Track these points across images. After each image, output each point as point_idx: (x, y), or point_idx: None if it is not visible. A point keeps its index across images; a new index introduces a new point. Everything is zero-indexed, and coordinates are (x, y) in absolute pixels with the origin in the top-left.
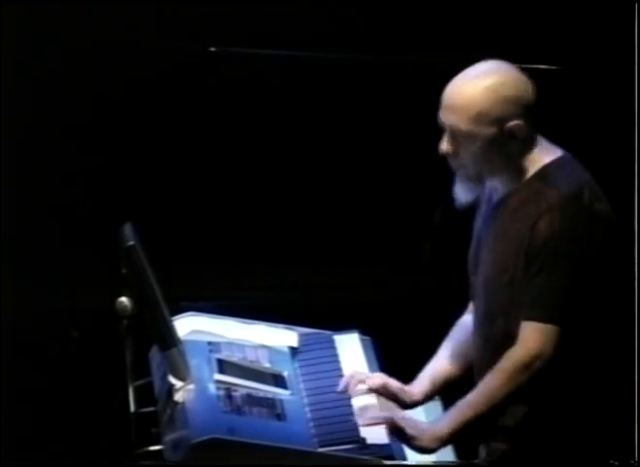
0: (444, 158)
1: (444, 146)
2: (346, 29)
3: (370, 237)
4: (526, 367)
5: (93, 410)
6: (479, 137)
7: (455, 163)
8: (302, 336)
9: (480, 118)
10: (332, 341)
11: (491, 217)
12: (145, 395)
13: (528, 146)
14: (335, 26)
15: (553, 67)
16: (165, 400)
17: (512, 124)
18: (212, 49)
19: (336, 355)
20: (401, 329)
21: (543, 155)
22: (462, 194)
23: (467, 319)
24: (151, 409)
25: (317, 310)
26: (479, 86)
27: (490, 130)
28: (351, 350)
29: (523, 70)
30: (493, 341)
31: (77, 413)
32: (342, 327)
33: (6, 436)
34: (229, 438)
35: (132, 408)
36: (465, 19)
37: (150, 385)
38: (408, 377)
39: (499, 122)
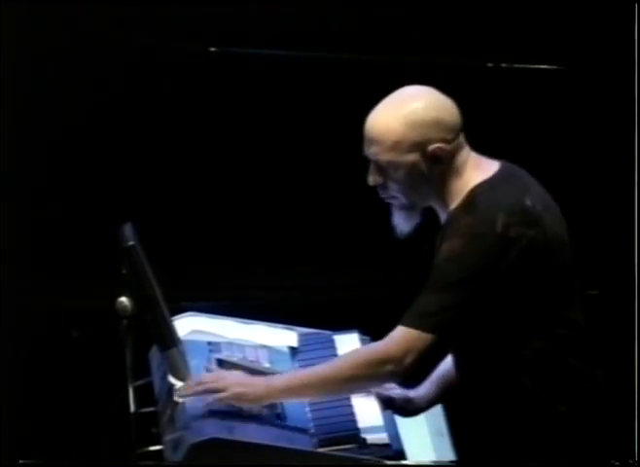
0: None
1: (371, 178)
2: (346, 29)
3: (370, 237)
4: (376, 363)
5: (93, 410)
6: (401, 165)
7: (385, 194)
8: (301, 336)
9: (398, 146)
10: (331, 341)
11: (437, 242)
12: (145, 395)
13: (457, 168)
14: (335, 26)
15: (553, 67)
16: (165, 400)
17: (433, 147)
18: (212, 49)
19: (335, 355)
20: None
21: (473, 176)
22: (401, 224)
23: None
24: (151, 409)
25: (317, 310)
26: (393, 114)
27: (411, 157)
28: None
29: (523, 70)
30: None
31: (77, 412)
32: (342, 327)
33: (6, 436)
34: (229, 438)
35: (132, 408)
36: (465, 20)
37: (150, 385)
38: (411, 377)
39: (418, 147)
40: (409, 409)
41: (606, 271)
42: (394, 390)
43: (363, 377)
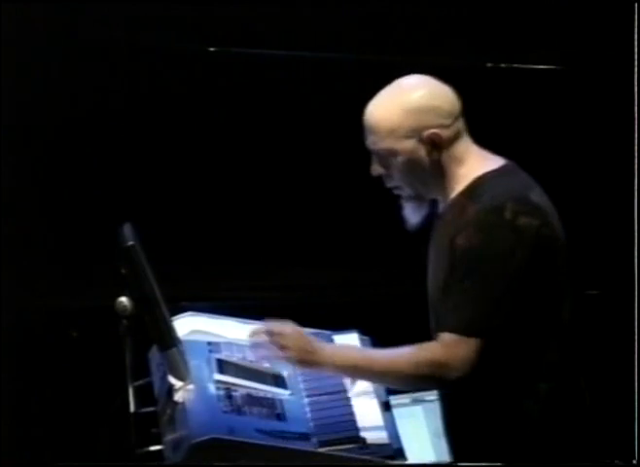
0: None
1: (374, 168)
2: (346, 29)
3: (370, 237)
4: (437, 366)
5: (93, 410)
6: (399, 152)
7: (390, 184)
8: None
9: (394, 132)
10: (331, 342)
11: (432, 233)
12: (145, 395)
13: (458, 156)
14: (335, 26)
15: (553, 67)
16: (165, 400)
17: (429, 132)
18: (212, 49)
19: None
20: (401, 329)
21: (478, 166)
22: (410, 215)
23: None
24: (151, 409)
25: (317, 310)
26: (389, 102)
27: (408, 143)
28: None
29: (523, 70)
30: None
31: (77, 412)
32: (342, 327)
33: (6, 436)
34: (229, 438)
35: (132, 408)
36: (465, 20)
37: (150, 385)
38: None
39: (415, 132)
40: None
41: (606, 271)
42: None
43: (426, 378)
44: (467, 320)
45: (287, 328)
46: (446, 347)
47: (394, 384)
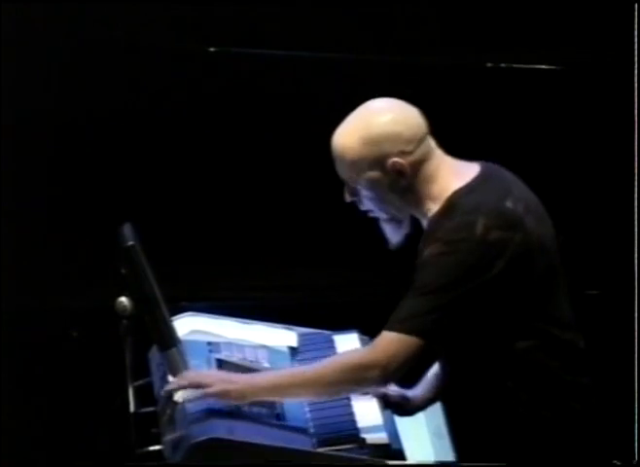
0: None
1: (346, 196)
2: (346, 29)
3: (370, 238)
4: (361, 369)
5: (93, 410)
6: (364, 182)
7: (363, 209)
8: (301, 336)
9: (357, 164)
10: (331, 342)
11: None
12: (145, 395)
13: (429, 176)
14: (335, 26)
15: (553, 67)
16: (165, 400)
17: (391, 161)
18: (212, 49)
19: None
20: None
21: (451, 182)
22: (390, 235)
23: None
24: (151, 409)
25: (317, 310)
26: (349, 133)
27: (372, 173)
28: None
29: (523, 70)
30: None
31: (77, 412)
32: (342, 327)
33: (6, 436)
34: (228, 438)
35: (132, 408)
36: (465, 20)
37: (150, 385)
38: (407, 376)
39: (377, 163)
40: (407, 408)
41: (606, 271)
42: (392, 389)
43: (347, 381)
44: (401, 318)
45: (204, 371)
46: (374, 347)
47: (322, 395)
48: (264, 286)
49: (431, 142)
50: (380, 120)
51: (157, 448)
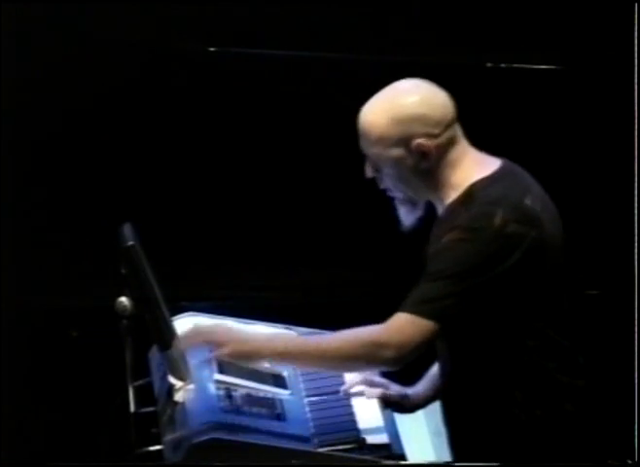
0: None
1: (367, 171)
2: (346, 29)
3: (369, 237)
4: (376, 346)
5: (93, 410)
6: (388, 159)
7: (382, 186)
8: (301, 336)
9: (382, 140)
10: None
11: (430, 235)
12: (145, 395)
13: (451, 163)
14: (335, 26)
15: (553, 67)
16: (165, 400)
17: (416, 142)
18: (212, 49)
19: None
20: None
21: (473, 172)
22: (404, 217)
23: None
24: (151, 409)
25: (317, 310)
26: (379, 109)
27: (396, 151)
28: None
29: (523, 70)
30: (444, 359)
31: (77, 412)
32: (342, 327)
33: (6, 436)
34: (229, 438)
35: (132, 408)
36: (465, 20)
37: (150, 385)
38: (407, 376)
39: (402, 142)
40: (407, 406)
41: (606, 271)
42: (392, 387)
43: (361, 357)
44: (417, 300)
45: (215, 326)
46: (389, 326)
47: (331, 366)
48: (264, 286)
49: (458, 129)
50: (410, 100)
51: (157, 448)
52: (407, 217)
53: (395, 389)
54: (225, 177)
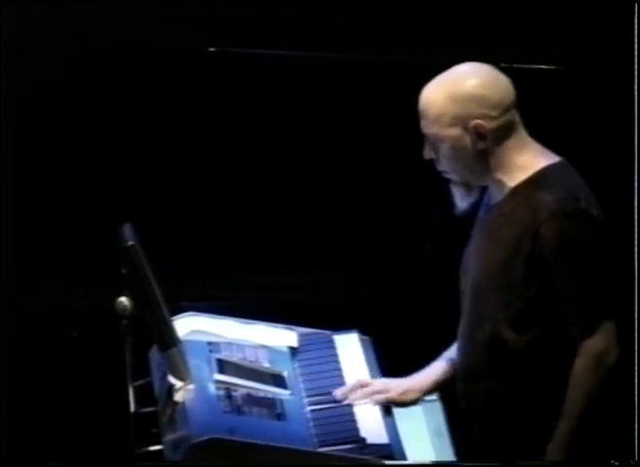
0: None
1: (425, 152)
2: (347, 29)
3: (369, 237)
4: (603, 361)
5: (93, 410)
6: (445, 138)
7: (440, 168)
8: (301, 336)
9: (440, 119)
10: (331, 341)
11: (485, 220)
12: (145, 395)
13: (510, 147)
14: (335, 26)
15: (553, 67)
16: (165, 400)
17: (474, 122)
18: (212, 49)
19: (335, 355)
20: (401, 329)
21: (537, 159)
22: (458, 200)
23: None
24: (151, 409)
25: (317, 310)
26: (438, 89)
27: (453, 131)
28: (351, 350)
29: (523, 70)
30: (480, 345)
31: (77, 412)
32: (342, 327)
33: (6, 436)
34: (229, 438)
35: (132, 408)
36: (465, 19)
37: (150, 385)
38: (407, 377)
39: (460, 121)
40: (407, 401)
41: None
42: (390, 386)
43: (603, 377)
44: (594, 302)
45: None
46: (600, 337)
47: (584, 404)
48: (264, 286)
49: (517, 115)
50: (470, 81)
51: (157, 448)
52: (461, 200)
53: (393, 388)
54: (225, 177)
